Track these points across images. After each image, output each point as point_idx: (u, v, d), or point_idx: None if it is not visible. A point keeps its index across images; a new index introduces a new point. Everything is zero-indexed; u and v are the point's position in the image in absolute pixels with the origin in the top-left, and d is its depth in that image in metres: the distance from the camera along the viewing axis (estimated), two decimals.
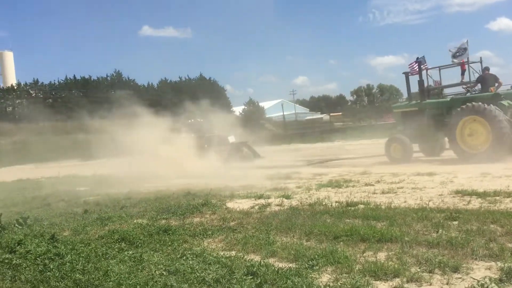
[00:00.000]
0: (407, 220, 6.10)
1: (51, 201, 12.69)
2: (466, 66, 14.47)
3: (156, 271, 4.82)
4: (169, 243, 6.06)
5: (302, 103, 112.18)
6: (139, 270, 4.94)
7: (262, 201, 9.02)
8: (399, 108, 15.17)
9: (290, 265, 4.71)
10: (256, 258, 5.09)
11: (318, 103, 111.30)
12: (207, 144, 20.77)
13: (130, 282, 4.36)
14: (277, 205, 8.46)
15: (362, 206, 7.46)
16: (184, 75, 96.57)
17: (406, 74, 14.38)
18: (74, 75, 76.17)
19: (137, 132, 25.23)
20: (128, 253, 5.68)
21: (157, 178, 17.21)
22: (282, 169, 15.53)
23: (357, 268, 4.38)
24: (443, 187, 8.84)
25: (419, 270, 4.21)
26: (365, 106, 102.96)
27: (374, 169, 12.57)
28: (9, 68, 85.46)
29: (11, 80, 78.28)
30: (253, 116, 73.42)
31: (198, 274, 4.56)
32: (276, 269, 4.45)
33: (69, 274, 4.86)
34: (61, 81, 75.68)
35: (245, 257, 5.10)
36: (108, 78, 78.32)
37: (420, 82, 14.13)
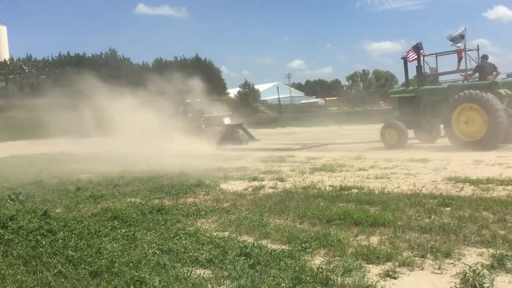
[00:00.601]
0: (400, 205, 6.13)
1: (44, 177, 12.62)
2: (463, 53, 14.42)
3: (149, 250, 4.82)
4: (163, 223, 6.04)
5: (298, 86, 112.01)
6: (132, 249, 4.93)
7: (256, 183, 9.02)
8: (396, 93, 15.14)
9: (283, 247, 4.72)
10: (249, 239, 5.10)
11: (313, 87, 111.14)
12: (204, 124, 20.71)
13: (122, 260, 4.35)
14: (271, 187, 8.46)
15: (355, 190, 7.47)
16: (180, 55, 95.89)
17: (405, 59, 14.31)
18: (68, 52, 75.29)
19: (132, 111, 25.18)
20: (121, 231, 5.66)
21: (151, 157, 17.20)
22: (277, 152, 15.55)
23: (349, 252, 4.40)
24: (436, 173, 8.88)
25: (411, 254, 4.23)
26: (360, 92, 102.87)
27: (369, 154, 12.59)
28: (2, 42, 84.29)
29: (4, 55, 77.27)
30: (248, 99, 73.28)
31: (191, 254, 4.56)
32: (269, 250, 4.46)
33: (62, 251, 4.84)
34: (55, 58, 74.86)
35: (239, 238, 5.10)
36: (103, 56, 77.52)
37: (418, 68, 14.08)
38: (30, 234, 5.55)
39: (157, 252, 4.72)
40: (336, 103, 66.56)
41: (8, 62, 70.48)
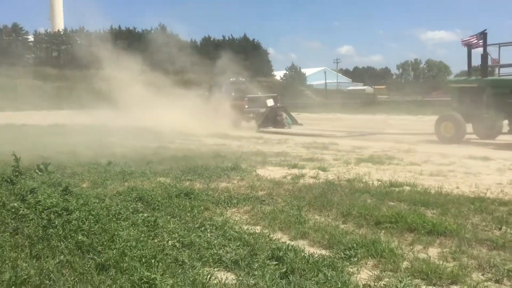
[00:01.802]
0: (462, 210, 5.25)
1: (79, 149, 12.41)
2: None
3: (169, 241, 4.22)
4: (189, 209, 5.45)
5: (345, 73, 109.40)
6: (150, 238, 4.35)
7: (295, 171, 8.29)
8: (456, 83, 13.83)
9: (323, 251, 4.00)
10: (283, 238, 4.41)
11: (361, 74, 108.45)
12: (247, 105, 20.05)
13: (135, 253, 3.76)
14: (312, 177, 7.71)
15: (407, 188, 6.60)
16: (228, 34, 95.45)
17: (469, 47, 13.01)
18: (119, 25, 76.20)
19: (172, 90, 24.91)
20: (142, 216, 5.11)
21: (189, 135, 16.77)
22: (320, 138, 14.71)
23: (404, 266, 3.63)
24: (500, 174, 7.83)
25: (483, 278, 3.42)
26: (411, 81, 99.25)
27: (420, 147, 11.55)
28: (57, 13, 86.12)
29: (59, 25, 79.03)
30: (294, 82, 72.01)
31: (215, 251, 3.93)
32: (307, 256, 3.75)
33: (73, 234, 4.33)
34: (106, 31, 75.92)
35: (271, 235, 4.42)
36: (152, 31, 77.98)
37: (484, 57, 12.75)
38: (44, 211, 5.08)
39: (177, 245, 4.12)
40: (385, 91, 64.22)
41: (62, 33, 72.06)
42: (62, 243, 4.17)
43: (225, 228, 4.60)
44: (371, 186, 6.72)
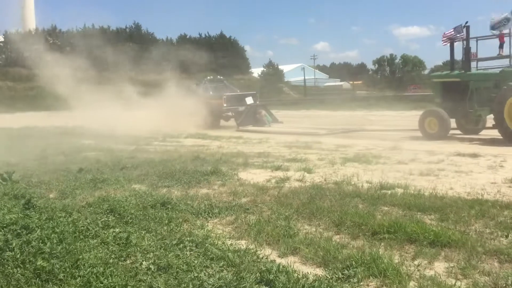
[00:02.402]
0: (461, 215, 4.87)
1: (50, 153, 11.74)
2: (506, 38, 12.86)
3: (143, 263, 3.72)
4: (166, 222, 4.94)
5: (322, 69, 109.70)
6: (122, 259, 3.84)
7: (280, 173, 7.84)
8: (438, 77, 13.52)
9: (318, 271, 3.56)
10: (272, 254, 3.95)
11: (338, 70, 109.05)
12: (226, 104, 19.47)
13: (103, 283, 3.24)
14: (298, 180, 7.27)
15: (400, 190, 6.22)
16: (204, 32, 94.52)
17: (451, 40, 12.75)
18: (93, 24, 74.43)
19: (149, 89, 24.22)
20: (113, 232, 4.58)
21: (167, 136, 16.19)
22: (302, 136, 14.29)
23: (411, 287, 3.21)
24: (493, 173, 7.53)
25: None
26: (387, 76, 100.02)
27: (406, 145, 11.22)
28: (29, 12, 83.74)
29: (31, 24, 76.84)
30: (272, 79, 71.58)
31: (195, 274, 3.45)
32: (300, 279, 3.29)
33: (32, 259, 3.77)
34: (79, 30, 74.22)
35: (258, 252, 3.96)
36: (127, 29, 76.61)
37: (466, 50, 12.50)
38: (2, 230, 4.50)
39: (152, 267, 3.61)
40: (363, 87, 64.44)
41: (33, 33, 70.07)
42: (18, 269, 3.62)
43: (207, 244, 4.11)
44: (361, 189, 6.31)
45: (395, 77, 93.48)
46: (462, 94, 12.20)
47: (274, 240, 4.31)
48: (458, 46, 13.47)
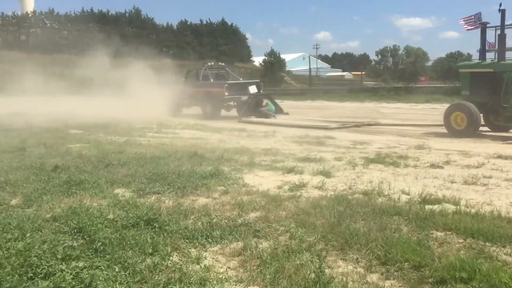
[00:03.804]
0: None
1: (31, 144, 10.45)
2: None
3: None
4: (150, 251, 3.66)
5: (323, 58, 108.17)
6: None
7: (293, 177, 6.55)
8: (467, 67, 12.11)
9: None
10: None
11: (340, 60, 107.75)
12: (228, 92, 18.05)
13: None
14: (316, 187, 5.97)
15: (449, 206, 4.92)
16: (205, 18, 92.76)
17: (483, 26, 11.39)
18: (92, 8, 72.82)
19: (149, 76, 23.01)
20: (76, 267, 3.30)
21: (163, 126, 14.90)
22: (311, 130, 12.98)
23: None
24: None
25: None
26: (389, 68, 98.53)
27: (432, 143, 9.92)
28: None
29: (29, 7, 74.95)
30: (273, 68, 70.00)
31: None
32: None
33: None
34: (78, 13, 72.54)
35: None
36: (126, 14, 74.84)
37: (501, 37, 11.13)
38: None
39: None
40: (366, 78, 62.88)
41: (31, 15, 68.33)
42: None
43: None
44: (399, 203, 5.02)
45: (398, 68, 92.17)
46: (495, 87, 10.85)
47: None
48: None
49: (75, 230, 4.17)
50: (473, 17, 12.46)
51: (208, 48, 75.69)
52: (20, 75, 44.66)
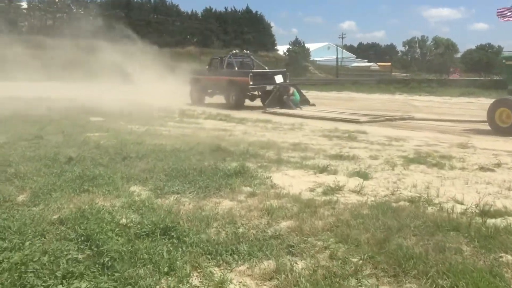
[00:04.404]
0: None
1: (49, 131, 10.05)
2: None
3: None
4: (165, 270, 3.09)
5: (349, 49, 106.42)
6: None
7: (326, 178, 5.90)
8: None
9: None
10: None
11: (365, 50, 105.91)
12: (252, 82, 17.35)
13: None
14: (353, 191, 5.31)
15: None
16: (230, 5, 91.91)
17: None
18: None
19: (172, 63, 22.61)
20: None
21: (184, 115, 14.38)
22: (340, 124, 12.26)
23: None
24: None
25: None
26: (417, 59, 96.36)
27: (475, 141, 9.11)
28: None
29: None
30: (298, 57, 68.87)
31: None
32: None
33: None
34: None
35: None
36: (152, 1, 74.52)
37: None
38: None
39: None
40: (393, 69, 61.33)
41: (57, 0, 68.69)
42: None
43: None
44: (454, 215, 4.33)
45: (425, 60, 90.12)
46: None
47: None
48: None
49: (82, 238, 3.63)
50: (509, 8, 11.66)
51: (232, 36, 75.06)
52: (45, 60, 44.94)
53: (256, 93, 18.41)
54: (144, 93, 19.19)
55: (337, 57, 50.90)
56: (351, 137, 9.72)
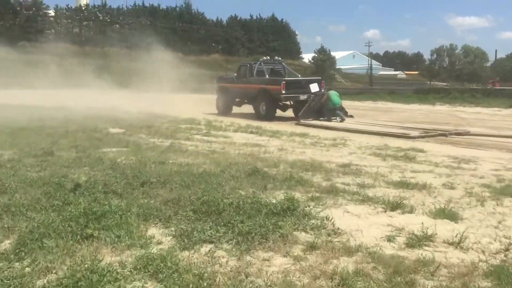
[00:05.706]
0: None
1: (61, 146, 8.94)
2: None
3: None
4: None
5: (374, 57, 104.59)
6: None
7: (404, 219, 4.49)
8: None
9: None
10: None
11: (391, 59, 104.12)
12: (285, 90, 16.00)
13: None
14: (450, 243, 3.89)
15: None
16: (255, 13, 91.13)
17: None
18: (143, 2, 72.91)
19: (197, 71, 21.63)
20: None
21: (212, 128, 13.13)
22: (388, 139, 10.81)
23: None
24: None
25: None
26: (445, 67, 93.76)
27: None
28: None
29: (83, 0, 75.78)
30: (324, 65, 67.33)
31: None
32: None
33: None
34: (129, 7, 72.80)
35: None
36: (177, 8, 74.36)
37: None
38: None
39: None
40: (424, 77, 59.25)
41: (84, 8, 68.98)
42: None
43: None
44: None
45: (454, 68, 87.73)
46: None
47: None
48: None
49: None
50: None
51: (257, 43, 74.24)
52: (71, 68, 44.65)
53: (288, 103, 17.07)
54: (169, 101, 18.12)
55: (370, 65, 49.19)
56: (408, 157, 8.25)
